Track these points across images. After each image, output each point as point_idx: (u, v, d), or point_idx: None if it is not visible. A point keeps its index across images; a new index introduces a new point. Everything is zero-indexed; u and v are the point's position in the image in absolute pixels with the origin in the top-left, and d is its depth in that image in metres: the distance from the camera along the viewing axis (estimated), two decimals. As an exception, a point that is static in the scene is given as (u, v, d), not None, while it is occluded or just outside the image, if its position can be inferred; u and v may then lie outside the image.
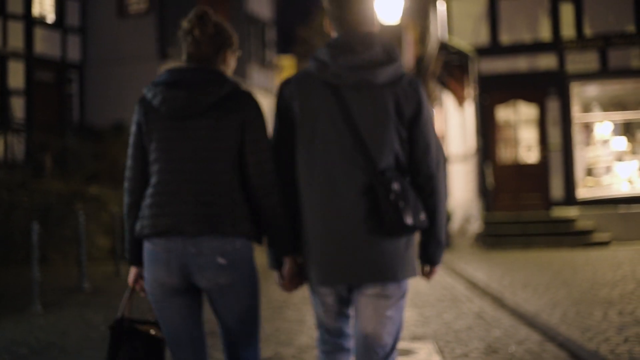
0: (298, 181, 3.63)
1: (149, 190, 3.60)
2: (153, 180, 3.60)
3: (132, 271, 3.80)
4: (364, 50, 3.54)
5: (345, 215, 3.50)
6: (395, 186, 3.45)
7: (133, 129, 3.67)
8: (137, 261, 3.74)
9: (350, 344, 3.82)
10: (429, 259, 3.75)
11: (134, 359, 3.81)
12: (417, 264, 3.70)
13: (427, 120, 3.61)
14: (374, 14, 3.73)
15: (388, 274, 3.51)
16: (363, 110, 3.52)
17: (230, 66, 3.84)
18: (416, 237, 3.70)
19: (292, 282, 3.71)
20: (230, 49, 3.81)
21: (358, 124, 3.50)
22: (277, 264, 3.71)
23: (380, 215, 3.45)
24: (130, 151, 3.68)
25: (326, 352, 3.82)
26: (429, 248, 3.72)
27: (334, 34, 3.76)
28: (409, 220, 3.44)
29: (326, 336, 3.81)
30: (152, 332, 3.86)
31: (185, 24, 3.74)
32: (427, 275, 3.83)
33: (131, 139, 3.68)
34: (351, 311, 3.78)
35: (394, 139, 3.53)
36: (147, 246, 3.59)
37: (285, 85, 3.68)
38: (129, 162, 3.69)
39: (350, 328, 3.82)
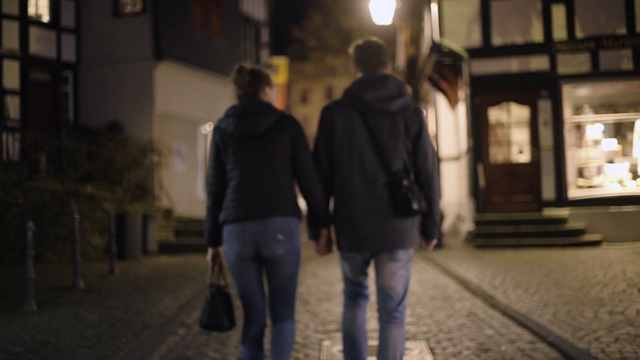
0: (340, 177, 5.17)
1: (231, 189, 5.17)
2: (233, 182, 5.16)
3: (210, 251, 5.35)
4: (383, 87, 5.10)
5: (374, 203, 5.06)
6: (405, 182, 5.02)
7: (212, 148, 5.24)
8: (216, 243, 5.32)
9: (367, 292, 5.38)
10: (428, 234, 5.32)
11: (220, 311, 5.37)
12: (418, 237, 5.26)
13: (426, 136, 5.16)
14: (387, 61, 5.27)
15: (398, 244, 5.08)
16: (382, 130, 5.08)
17: (269, 96, 5.33)
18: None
19: (325, 248, 5.36)
20: (267, 85, 5.31)
21: (378, 139, 5.08)
22: (315, 236, 5.32)
23: (395, 202, 5.04)
24: (211, 164, 5.27)
25: (350, 297, 5.37)
26: (427, 226, 5.29)
27: (358, 75, 5.30)
28: (415, 206, 5.00)
29: (350, 287, 5.34)
30: (227, 291, 5.47)
31: (231, 77, 5.28)
32: (427, 246, 5.41)
33: (211, 156, 5.26)
34: (369, 270, 5.33)
35: (402, 149, 5.09)
36: (227, 228, 5.14)
37: (327, 110, 5.25)
38: (210, 172, 5.27)
39: (368, 281, 5.38)
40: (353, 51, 5.33)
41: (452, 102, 22.22)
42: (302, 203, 5.29)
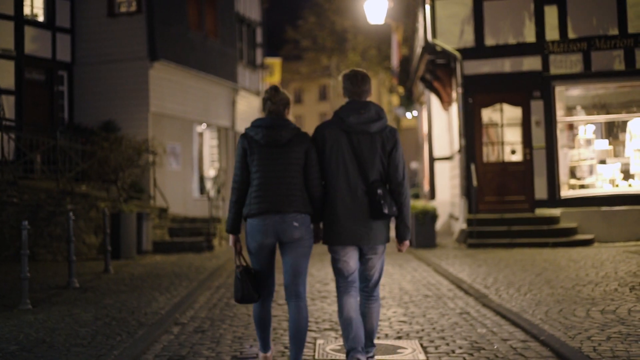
0: (329, 184, 6.42)
1: (253, 188, 6.36)
2: (255, 182, 6.35)
3: (232, 237, 6.55)
4: (365, 112, 6.36)
5: (355, 207, 6.32)
6: (379, 191, 6.27)
7: (239, 152, 6.43)
8: (237, 231, 6.51)
9: (357, 283, 6.54)
10: (400, 235, 6.55)
11: (248, 285, 6.48)
12: (388, 235, 6.47)
13: (398, 152, 6.44)
14: (370, 89, 6.53)
15: (372, 241, 6.37)
16: (362, 147, 6.34)
17: (289, 115, 6.56)
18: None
19: (317, 238, 6.60)
20: (289, 107, 6.57)
21: (359, 155, 6.33)
22: None
23: (370, 207, 6.29)
24: (238, 165, 6.45)
25: (343, 290, 6.49)
26: (399, 229, 6.54)
27: (346, 99, 6.55)
28: (385, 210, 6.25)
29: (342, 281, 6.50)
30: (252, 270, 6.60)
31: (265, 94, 6.55)
32: (400, 246, 6.63)
33: (238, 158, 6.45)
34: (355, 261, 6.48)
35: (379, 164, 6.37)
36: (251, 222, 6.36)
37: (319, 129, 6.51)
38: (237, 171, 6.45)
39: (356, 275, 6.53)
40: (341, 79, 6.63)
41: (445, 102, 22.27)
42: None
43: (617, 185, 19.11)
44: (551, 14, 18.77)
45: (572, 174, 19.50)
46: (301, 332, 6.39)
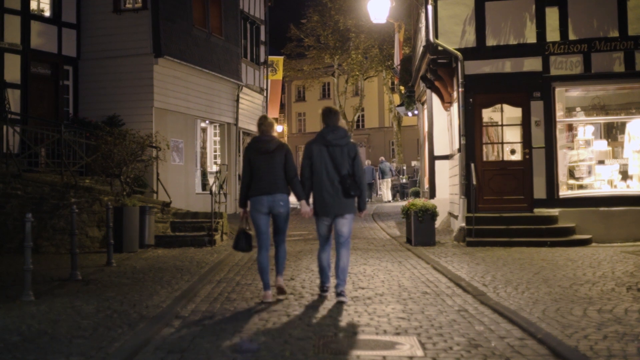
0: (316, 178, 10.15)
1: (255, 179, 10.18)
2: (256, 175, 10.17)
3: (242, 210, 10.55)
4: (336, 132, 10.24)
5: (332, 190, 10.13)
6: (348, 181, 10.05)
7: (245, 158, 10.32)
8: (245, 206, 10.44)
9: (331, 241, 10.43)
10: (360, 207, 10.38)
11: (243, 241, 10.54)
12: (355, 207, 10.28)
13: (358, 157, 10.26)
14: (340, 119, 10.50)
15: (344, 211, 10.19)
16: (336, 154, 10.15)
17: (274, 132, 10.43)
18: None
19: (307, 213, 10.37)
20: (274, 127, 10.43)
21: (335, 159, 10.15)
22: (299, 200, 10.42)
23: (342, 190, 10.08)
24: (245, 166, 10.32)
25: (322, 245, 10.47)
26: (359, 203, 10.33)
27: (324, 125, 10.38)
28: (352, 193, 10.07)
29: (322, 239, 10.45)
30: (249, 232, 10.50)
31: (259, 120, 10.52)
32: (360, 213, 10.42)
33: (245, 161, 10.34)
34: (332, 227, 10.35)
35: (347, 164, 10.16)
36: (253, 199, 10.18)
37: (309, 144, 10.30)
38: (245, 169, 10.28)
39: (331, 235, 10.38)
40: (321, 113, 10.45)
41: (446, 101, 22.30)
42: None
43: (615, 186, 19.17)
44: (552, 15, 18.80)
45: (571, 174, 19.55)
46: (282, 260, 10.48)
